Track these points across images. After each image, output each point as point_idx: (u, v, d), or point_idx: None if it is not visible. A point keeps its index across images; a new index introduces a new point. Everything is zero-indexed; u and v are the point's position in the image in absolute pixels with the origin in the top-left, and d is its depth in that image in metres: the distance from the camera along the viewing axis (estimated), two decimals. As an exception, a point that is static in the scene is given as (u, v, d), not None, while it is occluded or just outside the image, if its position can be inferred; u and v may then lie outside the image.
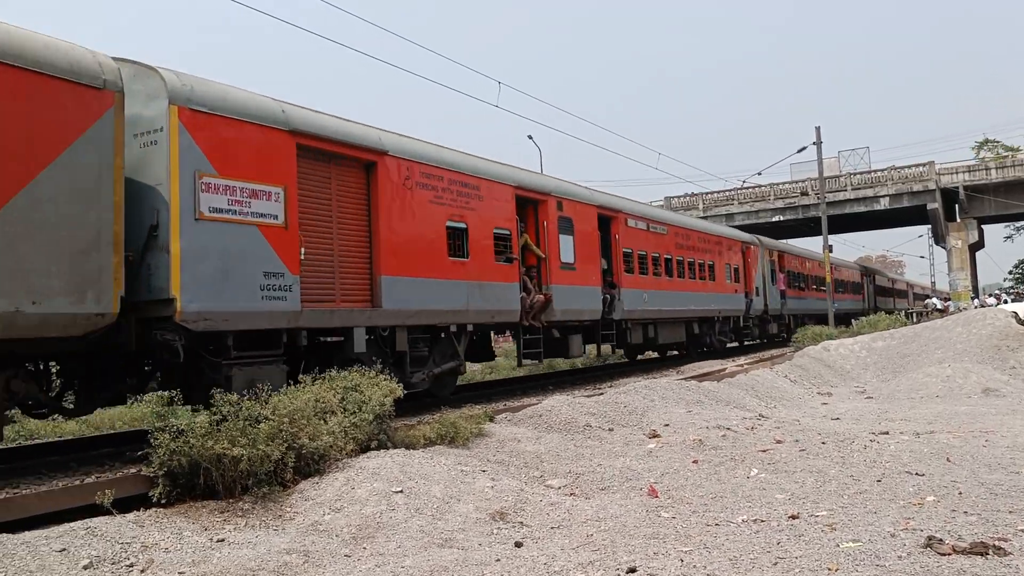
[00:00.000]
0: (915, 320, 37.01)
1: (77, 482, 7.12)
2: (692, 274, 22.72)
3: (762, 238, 31.91)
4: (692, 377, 16.32)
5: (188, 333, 8.25)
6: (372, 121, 12.48)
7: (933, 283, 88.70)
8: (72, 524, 5.90)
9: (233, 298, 8.71)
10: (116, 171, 7.60)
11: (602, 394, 12.93)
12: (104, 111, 7.54)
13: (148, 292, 8.13)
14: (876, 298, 55.78)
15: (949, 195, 49.46)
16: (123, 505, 6.54)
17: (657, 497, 7.41)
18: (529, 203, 15.30)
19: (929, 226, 62.19)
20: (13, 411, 8.44)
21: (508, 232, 14.12)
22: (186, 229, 8.24)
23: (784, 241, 41.83)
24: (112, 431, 12.22)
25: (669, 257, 21.27)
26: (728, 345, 27.43)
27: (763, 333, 30.59)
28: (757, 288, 28.41)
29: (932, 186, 48.76)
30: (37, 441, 11.65)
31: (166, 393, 8.82)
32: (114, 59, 8.04)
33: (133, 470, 7.36)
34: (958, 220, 50.41)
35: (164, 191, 8.18)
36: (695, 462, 8.68)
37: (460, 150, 13.80)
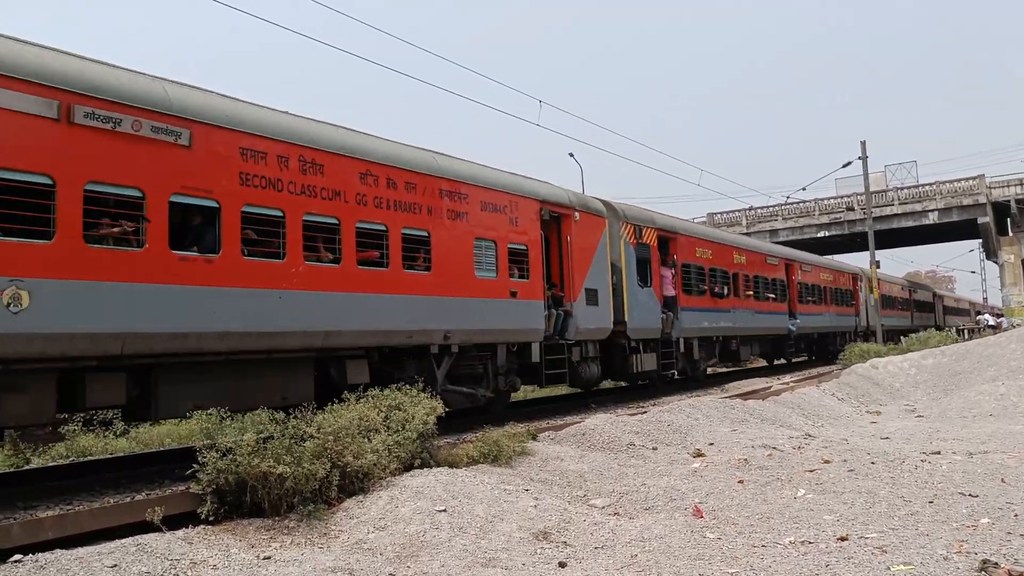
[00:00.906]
0: (967, 337, 36.11)
1: (128, 499, 7.26)
2: (334, 254, 10.10)
3: (619, 204, 17.44)
4: (736, 395, 16.12)
5: None
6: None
7: (985, 299, 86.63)
8: (123, 540, 6.01)
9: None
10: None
11: (645, 412, 12.84)
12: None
13: None
14: (881, 312, 39.50)
15: (1001, 209, 48.47)
16: (172, 522, 6.65)
17: (702, 518, 7.32)
18: None
19: (980, 240, 60.94)
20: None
21: None
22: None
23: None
24: (161, 448, 12.43)
25: (209, 205, 8.68)
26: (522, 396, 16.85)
27: (623, 370, 16.98)
28: (593, 291, 15.37)
29: (983, 200, 47.87)
30: (90, 458, 11.89)
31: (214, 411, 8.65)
32: None
33: (182, 487, 7.48)
34: (1010, 234, 49.37)
35: None
36: (740, 482, 8.57)
37: None
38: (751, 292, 23.63)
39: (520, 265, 13.61)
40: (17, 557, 5.64)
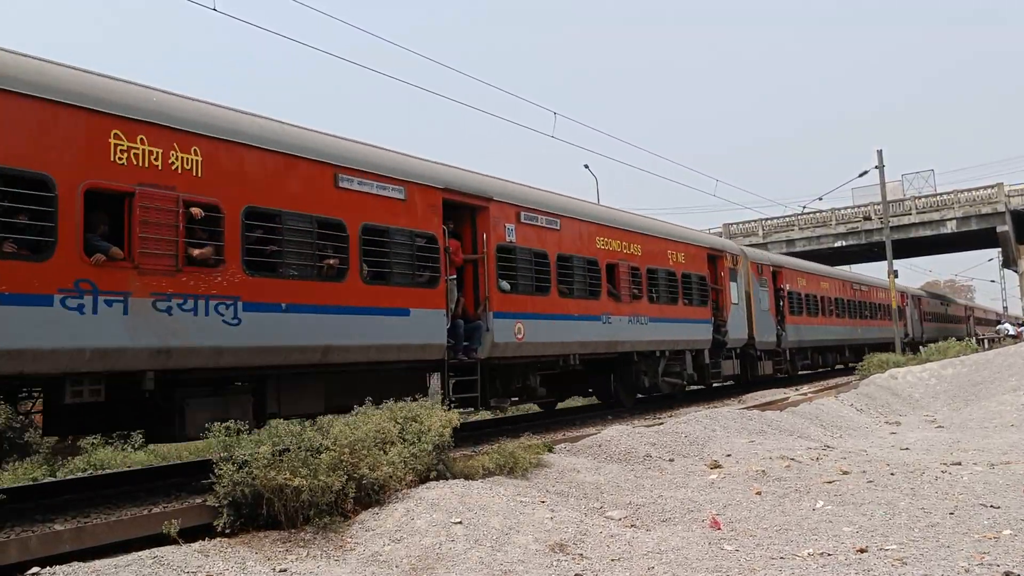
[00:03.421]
0: (986, 346, 35.68)
1: (145, 512, 7.28)
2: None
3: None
4: (754, 406, 16.03)
5: None
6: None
7: (1005, 308, 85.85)
8: (140, 553, 6.02)
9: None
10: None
11: (662, 424, 12.78)
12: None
13: None
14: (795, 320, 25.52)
15: (1020, 217, 48.04)
16: (189, 535, 6.67)
17: (720, 529, 7.27)
18: None
19: (999, 249, 60.40)
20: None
21: None
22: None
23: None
24: (179, 461, 12.49)
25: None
26: None
27: None
28: None
29: (1001, 208, 47.44)
30: (108, 471, 11.96)
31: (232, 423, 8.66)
32: None
33: (198, 500, 7.50)
34: (1030, 243, 48.91)
35: None
36: (758, 493, 8.51)
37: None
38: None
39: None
40: (35, 570, 5.67)
